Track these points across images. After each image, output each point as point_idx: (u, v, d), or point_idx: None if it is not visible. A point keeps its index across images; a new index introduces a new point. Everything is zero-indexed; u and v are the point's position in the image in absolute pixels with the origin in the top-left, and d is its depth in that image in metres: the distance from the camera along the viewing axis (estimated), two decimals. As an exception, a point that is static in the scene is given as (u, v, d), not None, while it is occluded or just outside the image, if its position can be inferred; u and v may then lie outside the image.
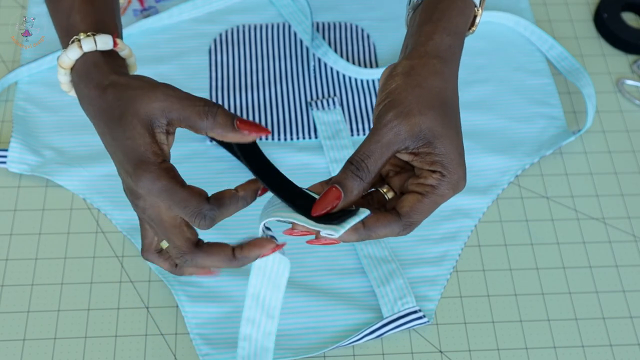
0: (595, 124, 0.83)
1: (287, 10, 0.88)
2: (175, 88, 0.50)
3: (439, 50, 0.51)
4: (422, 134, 0.48)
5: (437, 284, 0.71)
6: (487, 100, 0.83)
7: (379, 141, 0.48)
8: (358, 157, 0.48)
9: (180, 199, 0.48)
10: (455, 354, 0.68)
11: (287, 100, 0.82)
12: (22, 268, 0.70)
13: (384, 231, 0.47)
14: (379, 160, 0.48)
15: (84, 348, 0.66)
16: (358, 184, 0.47)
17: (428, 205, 0.48)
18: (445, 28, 0.52)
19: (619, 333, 0.69)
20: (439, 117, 0.48)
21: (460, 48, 0.53)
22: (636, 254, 0.74)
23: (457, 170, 0.48)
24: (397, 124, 0.48)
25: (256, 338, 0.58)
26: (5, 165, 0.75)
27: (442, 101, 0.49)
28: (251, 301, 0.55)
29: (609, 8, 0.90)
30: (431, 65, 0.50)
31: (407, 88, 0.49)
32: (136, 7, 0.88)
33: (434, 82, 0.49)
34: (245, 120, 0.48)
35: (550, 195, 0.78)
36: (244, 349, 0.58)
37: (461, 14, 0.53)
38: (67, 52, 0.53)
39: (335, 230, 0.46)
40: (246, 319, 0.56)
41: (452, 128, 0.49)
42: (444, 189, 0.48)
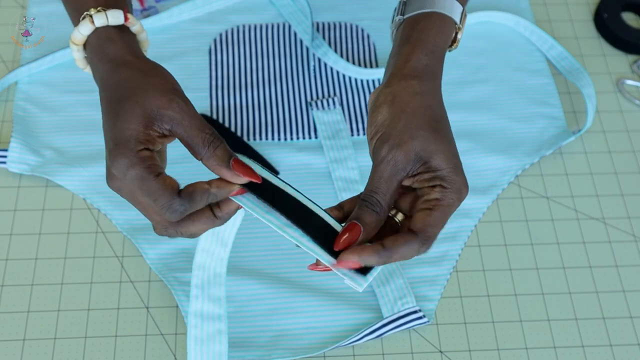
0: (595, 124, 0.83)
1: (287, 10, 0.88)
2: (189, 103, 0.51)
3: (417, 70, 0.53)
4: (418, 156, 0.50)
5: (437, 284, 0.71)
6: (487, 100, 0.83)
7: (382, 176, 0.50)
8: (369, 194, 0.50)
9: (152, 191, 0.48)
10: (455, 354, 0.68)
11: (287, 100, 0.82)
12: (22, 268, 0.70)
13: (404, 250, 0.48)
14: (387, 194, 0.50)
15: (84, 348, 0.66)
16: (375, 217, 0.49)
17: (439, 217, 0.49)
18: (423, 48, 0.54)
19: (619, 333, 0.69)
20: (429, 135, 0.50)
21: (439, 65, 0.55)
22: (636, 254, 0.74)
23: (456, 180, 0.50)
24: (393, 156, 0.50)
25: (209, 265, 0.60)
26: (5, 165, 0.75)
27: (429, 119, 0.51)
28: (207, 233, 0.57)
29: (609, 8, 0.90)
30: (410, 87, 0.52)
31: (394, 117, 0.51)
32: (136, 7, 0.88)
33: (417, 103, 0.51)
34: (241, 162, 0.50)
35: (550, 195, 0.78)
36: (198, 278, 0.61)
37: (440, 32, 0.55)
38: (78, 28, 0.54)
39: (359, 285, 0.48)
40: (201, 250, 0.59)
41: (444, 143, 0.50)
42: (449, 198, 0.49)
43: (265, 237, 0.72)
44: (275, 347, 0.67)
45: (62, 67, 0.82)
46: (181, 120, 0.50)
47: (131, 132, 0.49)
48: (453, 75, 0.85)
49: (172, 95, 0.50)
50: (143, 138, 0.49)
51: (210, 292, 0.62)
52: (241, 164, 0.50)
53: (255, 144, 0.78)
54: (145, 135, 0.49)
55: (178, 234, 0.51)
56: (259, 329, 0.68)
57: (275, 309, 0.69)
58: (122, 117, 0.49)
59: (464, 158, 0.78)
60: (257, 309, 0.69)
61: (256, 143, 0.79)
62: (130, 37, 0.55)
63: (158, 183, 0.48)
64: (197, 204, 0.49)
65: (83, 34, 0.54)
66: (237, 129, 0.79)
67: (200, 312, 0.63)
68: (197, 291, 0.62)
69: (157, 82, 0.51)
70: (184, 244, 0.71)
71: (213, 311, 0.63)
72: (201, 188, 0.49)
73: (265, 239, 0.72)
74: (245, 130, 0.79)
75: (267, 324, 0.68)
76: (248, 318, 0.68)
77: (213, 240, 0.58)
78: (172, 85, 0.52)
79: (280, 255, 0.72)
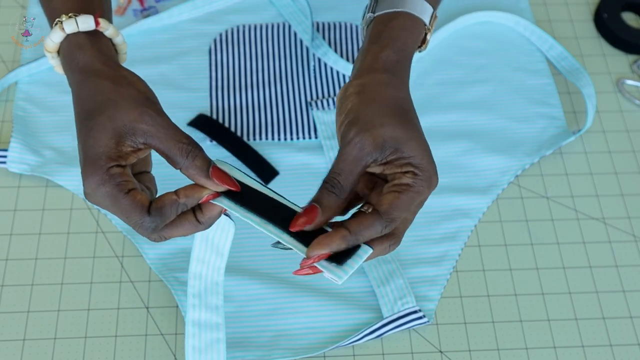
0: (595, 124, 0.83)
1: (287, 10, 0.88)
2: (162, 113, 0.51)
3: (387, 65, 0.53)
4: (387, 143, 0.49)
5: (437, 284, 0.71)
6: (487, 100, 0.83)
7: (347, 159, 0.49)
8: (330, 176, 0.50)
9: (122, 209, 0.48)
10: (455, 354, 0.68)
11: (287, 100, 0.82)
12: (22, 268, 0.70)
13: (369, 232, 0.48)
14: (350, 176, 0.49)
15: (84, 348, 0.66)
16: (334, 199, 0.49)
17: (405, 201, 0.49)
18: (393, 46, 0.54)
19: (619, 333, 0.69)
20: (399, 124, 0.50)
21: (407, 64, 0.55)
22: (636, 254, 0.74)
23: (428, 168, 0.50)
24: (360, 139, 0.49)
25: (206, 274, 0.59)
26: (5, 165, 0.75)
27: (399, 108, 0.51)
28: (200, 242, 0.57)
29: (609, 8, 0.90)
30: (380, 79, 0.52)
31: (363, 104, 0.51)
32: (136, 7, 0.88)
33: (387, 93, 0.52)
34: (220, 171, 0.50)
35: (550, 195, 0.78)
36: (194, 287, 0.60)
37: (409, 32, 0.55)
38: (50, 35, 0.53)
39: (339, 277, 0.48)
40: (195, 259, 0.58)
41: (415, 131, 0.50)
42: (419, 186, 0.49)
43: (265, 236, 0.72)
44: (275, 347, 0.67)
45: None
46: (155, 132, 0.49)
47: (102, 149, 0.48)
48: (453, 75, 0.85)
49: (144, 107, 0.49)
50: (114, 155, 0.49)
51: (207, 301, 0.62)
52: (220, 173, 0.50)
53: (255, 144, 0.78)
54: (117, 152, 0.49)
55: (162, 239, 0.51)
56: (259, 329, 0.68)
57: (275, 309, 0.69)
58: (93, 134, 0.49)
59: (464, 158, 0.79)
60: (257, 309, 0.69)
61: (256, 143, 0.79)
62: (103, 43, 0.54)
63: (127, 201, 0.48)
64: (168, 217, 0.49)
65: (55, 41, 0.53)
66: (237, 129, 0.79)
67: (198, 320, 0.62)
68: (195, 300, 0.62)
69: (128, 93, 0.50)
70: (184, 244, 0.71)
71: (211, 320, 0.63)
72: (170, 200, 0.49)
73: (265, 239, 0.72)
74: (245, 130, 0.79)
75: (267, 324, 0.68)
76: (248, 318, 0.68)
77: (207, 249, 0.58)
78: (144, 95, 0.51)
79: (280, 255, 0.71)
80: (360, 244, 0.49)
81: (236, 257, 0.71)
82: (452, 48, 0.87)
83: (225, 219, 0.54)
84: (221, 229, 0.55)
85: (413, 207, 0.50)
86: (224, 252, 0.58)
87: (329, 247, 0.47)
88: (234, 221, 0.54)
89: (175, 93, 0.82)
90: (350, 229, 0.48)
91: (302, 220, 0.49)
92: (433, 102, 0.83)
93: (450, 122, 0.81)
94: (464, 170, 0.78)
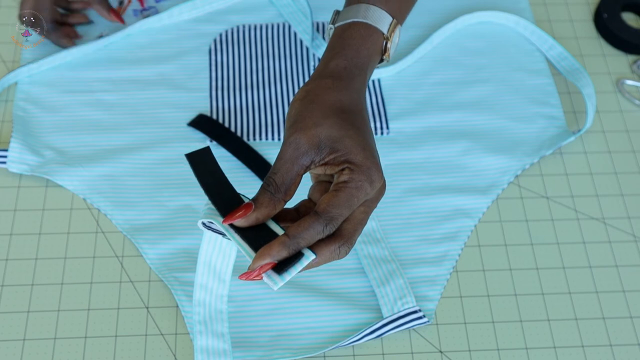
0: (595, 124, 0.83)
1: (287, 10, 0.88)
2: None
3: (333, 72, 0.54)
4: (322, 143, 0.50)
5: (437, 284, 0.71)
6: (487, 100, 0.83)
7: (282, 158, 0.50)
8: (267, 175, 0.50)
9: None
10: (455, 354, 0.68)
11: (287, 100, 0.82)
12: (22, 268, 0.70)
13: (308, 233, 0.48)
14: (286, 175, 0.50)
15: (84, 348, 0.66)
16: (268, 197, 0.49)
17: (343, 198, 0.49)
18: (344, 55, 0.55)
19: (619, 333, 0.69)
20: (335, 124, 0.51)
21: (359, 71, 0.56)
22: (636, 254, 0.74)
23: (364, 162, 0.50)
24: (295, 139, 0.50)
25: (209, 302, 0.60)
26: (5, 165, 0.75)
27: (338, 110, 0.52)
28: (203, 268, 0.57)
29: (609, 8, 0.90)
30: (323, 84, 0.53)
31: (303, 108, 0.52)
32: (136, 7, 0.88)
33: (327, 96, 0.52)
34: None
35: (550, 195, 0.78)
36: (199, 314, 0.61)
37: (363, 41, 0.57)
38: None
39: (275, 283, 0.48)
40: (199, 285, 0.58)
41: (352, 129, 0.51)
42: (356, 181, 0.49)
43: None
44: (275, 347, 0.67)
45: (62, 67, 0.82)
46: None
47: None
48: (453, 75, 0.85)
49: None
50: None
51: (213, 328, 0.62)
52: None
53: (255, 144, 0.78)
54: None
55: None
56: (259, 329, 0.68)
57: (275, 309, 0.69)
58: None
59: (464, 158, 0.79)
60: (257, 309, 0.69)
61: (256, 143, 0.79)
62: None
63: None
64: None
65: None
66: (237, 129, 0.79)
67: (206, 348, 0.63)
68: (201, 327, 0.62)
69: None
70: (184, 244, 0.71)
71: (218, 346, 0.63)
72: None
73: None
74: (245, 130, 0.79)
75: (267, 324, 0.68)
76: (248, 318, 0.68)
77: (209, 276, 0.57)
78: None
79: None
80: (303, 252, 0.48)
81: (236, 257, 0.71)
82: (452, 48, 0.87)
83: (227, 242, 0.53)
84: (223, 254, 0.55)
85: (355, 204, 0.50)
86: (225, 278, 0.57)
87: (270, 256, 0.47)
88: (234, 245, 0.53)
89: (175, 93, 0.82)
90: (289, 234, 0.48)
91: (235, 215, 0.49)
92: (433, 102, 0.83)
93: (450, 122, 0.81)
94: (464, 170, 0.78)
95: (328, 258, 0.49)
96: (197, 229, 0.72)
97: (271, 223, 0.50)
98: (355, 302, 0.70)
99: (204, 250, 0.55)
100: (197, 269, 0.57)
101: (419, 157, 0.78)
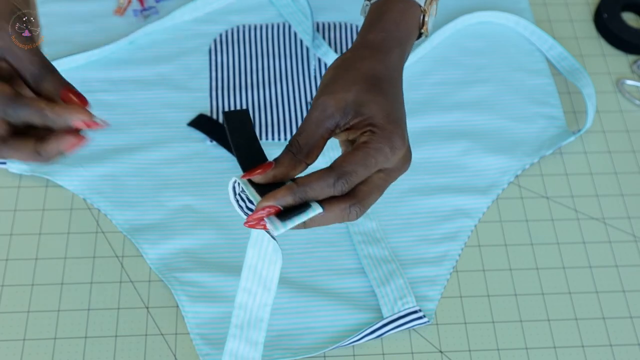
0: (595, 124, 0.83)
1: (287, 10, 0.88)
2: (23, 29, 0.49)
3: (371, 43, 0.54)
4: (349, 107, 0.50)
5: (437, 284, 0.71)
6: (487, 100, 0.83)
7: (308, 119, 0.50)
8: (293, 136, 0.50)
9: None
10: (455, 354, 0.68)
11: (287, 100, 0.82)
12: (22, 268, 0.70)
13: (318, 184, 0.47)
14: (311, 137, 0.50)
15: (84, 348, 0.66)
16: (289, 157, 0.49)
17: (360, 156, 0.48)
18: (382, 27, 0.55)
19: (619, 333, 0.69)
20: (364, 89, 0.50)
21: (397, 43, 0.55)
22: (636, 254, 0.74)
23: (387, 126, 0.49)
24: (323, 101, 0.50)
25: (252, 307, 0.58)
26: (5, 165, 0.75)
27: (370, 77, 0.51)
28: (248, 272, 0.55)
29: (609, 8, 0.90)
30: (359, 53, 0.53)
31: (336, 75, 0.52)
32: (136, 7, 0.88)
33: (362, 65, 0.52)
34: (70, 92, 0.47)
35: (550, 195, 0.78)
36: (238, 317, 0.58)
37: (402, 14, 0.56)
38: None
39: (276, 228, 0.47)
40: (242, 289, 0.57)
41: (380, 95, 0.51)
42: (376, 142, 0.49)
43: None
44: (275, 347, 0.67)
45: (62, 67, 0.82)
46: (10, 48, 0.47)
47: None
48: (453, 75, 0.85)
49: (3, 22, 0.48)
50: None
51: (248, 335, 0.59)
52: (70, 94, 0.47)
53: (255, 144, 0.78)
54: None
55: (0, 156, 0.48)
56: (259, 329, 0.68)
57: (275, 309, 0.69)
58: None
59: (464, 158, 0.79)
60: (257, 309, 0.69)
61: (256, 143, 0.79)
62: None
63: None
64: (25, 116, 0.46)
65: None
66: (237, 129, 0.79)
67: (236, 352, 0.60)
68: (236, 330, 0.59)
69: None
70: (184, 244, 0.71)
71: (248, 354, 0.59)
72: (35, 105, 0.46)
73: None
74: (245, 130, 0.79)
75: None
76: (248, 318, 0.68)
77: (254, 281, 0.55)
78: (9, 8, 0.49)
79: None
80: (310, 203, 0.47)
81: (236, 257, 0.71)
82: (452, 48, 0.87)
83: (272, 249, 0.52)
84: (269, 261, 0.54)
85: (372, 165, 0.49)
86: (271, 287, 0.55)
87: (275, 198, 0.47)
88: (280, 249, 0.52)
89: (175, 93, 0.82)
90: (297, 181, 0.47)
91: (255, 171, 0.49)
92: (433, 102, 0.83)
93: (450, 122, 0.81)
94: (464, 170, 0.78)
95: (337, 216, 0.48)
96: (197, 229, 0.73)
97: None
98: (355, 302, 0.70)
99: (249, 254, 0.54)
100: (243, 273, 0.55)
101: (419, 157, 0.78)
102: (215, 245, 0.72)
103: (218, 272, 0.70)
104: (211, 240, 0.72)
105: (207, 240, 0.72)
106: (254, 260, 0.54)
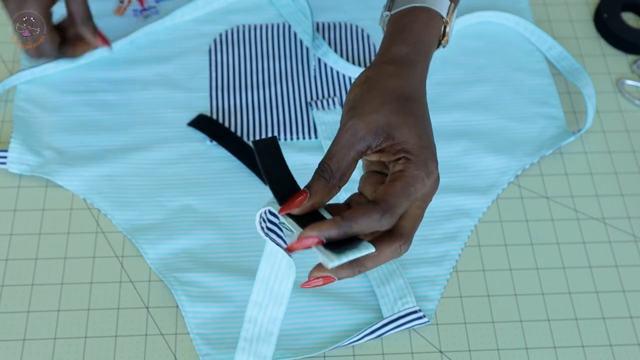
0: (595, 124, 0.83)
1: (287, 10, 0.88)
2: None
3: (395, 58, 0.54)
4: (380, 129, 0.49)
5: (437, 284, 0.71)
6: (487, 100, 0.83)
7: (339, 143, 0.49)
8: (322, 161, 0.50)
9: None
10: (455, 354, 0.68)
11: (287, 100, 0.82)
12: (22, 268, 0.70)
13: (365, 219, 0.46)
14: (342, 161, 0.49)
15: (84, 348, 0.66)
16: (323, 183, 0.49)
17: (400, 186, 0.48)
18: (405, 40, 0.54)
19: (619, 333, 0.69)
20: (393, 110, 0.50)
21: (421, 57, 0.55)
22: (636, 254, 0.74)
23: (420, 152, 0.49)
24: (353, 124, 0.49)
25: (262, 321, 0.57)
26: (5, 166, 0.75)
27: (399, 97, 0.51)
28: (260, 285, 0.55)
29: (609, 8, 0.90)
30: (385, 70, 0.53)
31: (364, 93, 0.51)
32: (136, 7, 0.88)
33: (388, 83, 0.52)
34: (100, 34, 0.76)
35: (550, 195, 0.78)
36: (247, 331, 0.58)
37: (425, 26, 0.55)
38: None
39: (330, 260, 0.46)
40: (253, 302, 0.56)
41: (410, 117, 0.50)
42: (412, 170, 0.48)
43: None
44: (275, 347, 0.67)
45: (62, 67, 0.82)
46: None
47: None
48: (453, 75, 0.85)
49: None
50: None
51: (257, 349, 0.59)
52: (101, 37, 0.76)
53: (255, 144, 0.78)
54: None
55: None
56: (259, 329, 0.68)
57: (275, 309, 0.69)
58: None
59: (464, 158, 0.79)
60: (257, 309, 0.69)
61: (256, 143, 0.79)
62: None
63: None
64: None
65: None
66: (237, 129, 0.79)
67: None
68: (245, 344, 0.59)
69: None
70: (184, 244, 0.71)
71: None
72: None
73: (265, 239, 0.72)
74: (245, 130, 0.79)
75: (267, 324, 0.68)
76: (248, 318, 0.68)
77: (266, 294, 0.55)
78: None
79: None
80: (362, 240, 0.47)
81: (236, 257, 0.71)
82: (452, 48, 0.87)
83: (286, 264, 0.52)
84: (282, 276, 0.54)
85: (412, 194, 0.48)
86: (282, 300, 0.55)
87: (319, 230, 0.46)
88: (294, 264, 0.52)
89: (175, 93, 0.82)
90: (344, 215, 0.46)
91: (292, 204, 0.48)
92: (433, 102, 0.82)
93: (450, 122, 0.81)
94: (464, 170, 0.78)
95: (388, 257, 0.48)
96: (197, 229, 0.73)
97: (324, 212, 0.49)
98: (355, 302, 0.70)
99: (262, 267, 0.54)
100: (254, 286, 0.55)
101: (419, 157, 0.78)
102: (215, 245, 0.72)
103: (218, 272, 0.70)
104: (211, 240, 0.72)
105: (207, 241, 0.72)
106: (267, 273, 0.54)
